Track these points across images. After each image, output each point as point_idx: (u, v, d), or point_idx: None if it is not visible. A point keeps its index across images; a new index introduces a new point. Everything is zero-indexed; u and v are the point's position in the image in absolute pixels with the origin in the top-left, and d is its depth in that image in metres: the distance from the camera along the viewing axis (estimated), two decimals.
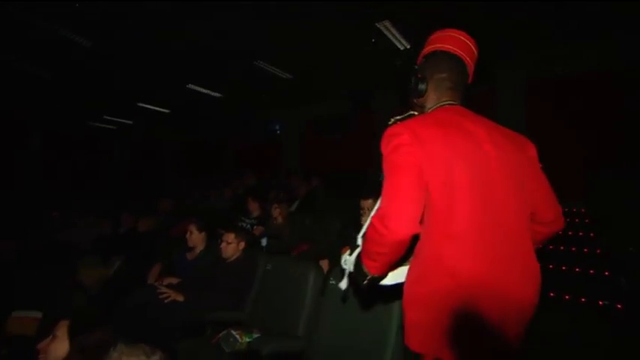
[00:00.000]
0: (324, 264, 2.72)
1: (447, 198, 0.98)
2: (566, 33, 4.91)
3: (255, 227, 4.12)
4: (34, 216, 6.08)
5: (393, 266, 1.06)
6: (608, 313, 2.69)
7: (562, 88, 5.45)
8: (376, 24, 4.73)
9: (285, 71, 6.34)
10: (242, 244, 2.71)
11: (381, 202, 0.99)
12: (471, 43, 1.18)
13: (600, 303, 2.76)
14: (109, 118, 9.44)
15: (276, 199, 4.22)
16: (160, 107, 8.38)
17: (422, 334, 1.00)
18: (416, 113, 1.18)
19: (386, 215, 0.96)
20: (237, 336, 1.99)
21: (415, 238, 0.99)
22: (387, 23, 4.74)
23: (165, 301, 2.29)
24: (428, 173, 0.99)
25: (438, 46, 1.16)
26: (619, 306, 2.73)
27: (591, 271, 3.06)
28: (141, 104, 8.10)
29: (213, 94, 7.41)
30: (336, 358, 1.82)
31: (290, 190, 5.89)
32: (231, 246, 2.68)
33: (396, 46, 5.35)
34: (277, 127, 9.27)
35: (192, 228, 3.01)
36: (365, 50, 5.41)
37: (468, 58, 1.16)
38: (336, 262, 2.60)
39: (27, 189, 8.54)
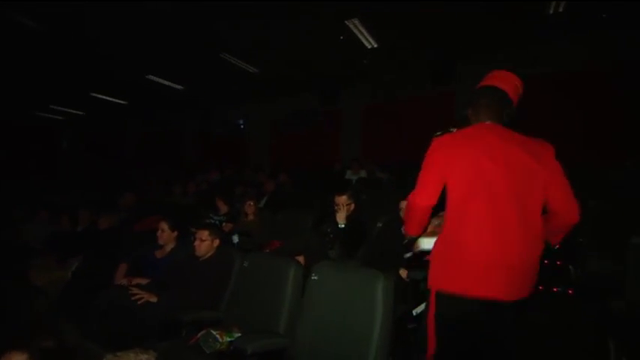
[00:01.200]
0: (300, 260, 2.71)
1: (460, 189, 1.36)
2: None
3: (224, 224, 4.02)
4: None
5: (425, 235, 1.52)
6: (562, 297, 2.92)
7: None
8: (345, 22, 4.76)
9: (252, 65, 6.22)
10: (216, 242, 2.65)
11: (416, 186, 1.46)
12: (514, 80, 1.52)
13: (555, 289, 2.99)
14: (56, 107, 8.75)
15: (247, 195, 4.14)
16: (116, 98, 7.90)
17: (435, 273, 1.40)
18: (453, 130, 1.52)
19: (414, 193, 1.46)
20: (218, 336, 1.93)
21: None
22: (356, 21, 4.78)
23: (139, 302, 2.17)
24: (446, 170, 1.40)
25: (484, 83, 1.54)
26: (570, 291, 2.97)
27: (546, 262, 3.29)
28: (95, 94, 7.58)
29: (175, 86, 7.09)
30: (321, 355, 1.82)
31: (257, 185, 5.80)
32: (205, 243, 2.60)
33: (364, 44, 5.41)
34: (241, 122, 9.08)
35: (164, 226, 2.89)
36: (333, 47, 5.43)
37: (509, 90, 1.49)
38: (312, 258, 2.65)
39: None
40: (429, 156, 1.45)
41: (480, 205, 1.32)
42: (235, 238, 3.57)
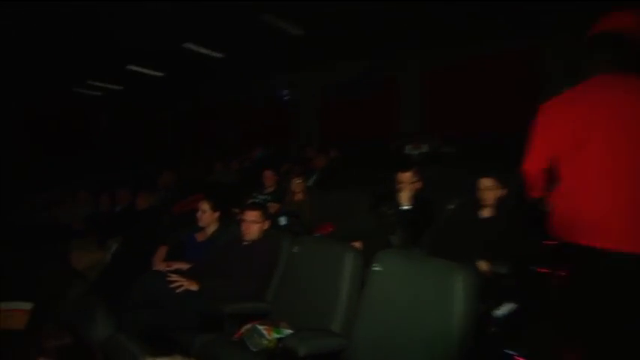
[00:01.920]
0: (357, 246, 2.57)
1: (576, 147, 1.40)
2: None
3: (269, 203, 3.97)
4: (16, 196, 6.00)
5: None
6: None
7: None
8: None
9: (296, 26, 6.01)
10: (266, 224, 2.63)
11: (527, 151, 1.54)
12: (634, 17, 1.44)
13: None
14: (94, 83, 9.20)
15: (293, 172, 4.04)
16: (153, 70, 8.12)
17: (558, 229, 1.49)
18: (566, 89, 1.49)
19: (525, 158, 1.55)
20: (265, 332, 1.86)
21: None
22: None
23: (177, 290, 2.15)
24: (562, 131, 1.44)
25: (597, 29, 1.49)
26: None
27: None
28: (132, 67, 7.83)
29: (214, 54, 7.11)
30: (385, 357, 1.68)
31: (305, 162, 5.70)
32: (256, 226, 2.57)
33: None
34: (287, 93, 8.98)
35: (205, 206, 2.89)
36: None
37: (629, 31, 1.42)
38: (371, 244, 2.51)
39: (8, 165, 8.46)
40: (539, 119, 1.51)
41: (599, 158, 1.36)
42: (283, 220, 3.51)
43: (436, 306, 1.61)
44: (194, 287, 2.23)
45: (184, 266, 2.71)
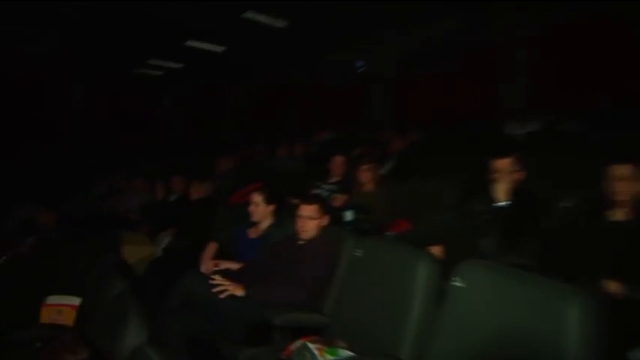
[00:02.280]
0: (437, 252, 2.37)
1: None
2: None
3: (334, 196, 3.86)
4: (76, 181, 6.58)
5: None
6: None
7: None
8: None
9: None
10: (324, 220, 2.57)
11: None
12: None
13: None
14: (154, 63, 9.75)
15: (363, 158, 3.88)
16: (212, 43, 8.38)
17: None
18: None
19: None
20: (317, 352, 1.74)
21: None
22: None
23: (221, 295, 2.13)
24: None
25: None
26: None
27: None
28: (190, 43, 8.16)
29: (276, 23, 7.13)
30: None
31: (380, 146, 5.49)
32: (313, 222, 2.51)
33: None
34: (360, 65, 8.77)
35: (258, 198, 2.88)
36: None
37: None
38: (455, 250, 2.29)
39: (69, 150, 9.31)
40: None
41: None
42: (349, 215, 3.38)
43: (540, 341, 1.36)
44: (240, 292, 2.18)
45: (234, 266, 2.73)
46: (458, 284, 1.66)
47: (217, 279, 2.22)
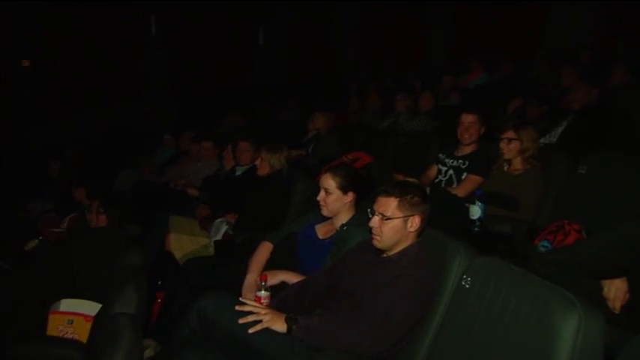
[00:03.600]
0: (618, 290, 1.90)
1: None
2: None
3: (466, 175, 3.40)
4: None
5: None
6: None
7: None
8: None
9: None
10: (416, 221, 2.07)
11: None
12: None
13: None
14: None
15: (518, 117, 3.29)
16: None
17: None
18: None
19: None
20: None
21: None
22: None
23: (251, 329, 1.87)
24: None
25: None
26: None
27: None
28: None
29: None
30: None
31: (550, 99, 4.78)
32: (396, 224, 2.05)
33: None
34: None
35: (330, 183, 2.55)
36: None
37: None
38: None
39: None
40: None
41: None
42: (477, 211, 2.87)
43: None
44: (279, 327, 1.91)
45: (292, 279, 2.48)
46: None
47: (249, 303, 2.00)
